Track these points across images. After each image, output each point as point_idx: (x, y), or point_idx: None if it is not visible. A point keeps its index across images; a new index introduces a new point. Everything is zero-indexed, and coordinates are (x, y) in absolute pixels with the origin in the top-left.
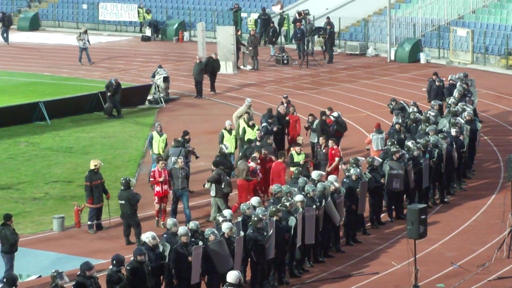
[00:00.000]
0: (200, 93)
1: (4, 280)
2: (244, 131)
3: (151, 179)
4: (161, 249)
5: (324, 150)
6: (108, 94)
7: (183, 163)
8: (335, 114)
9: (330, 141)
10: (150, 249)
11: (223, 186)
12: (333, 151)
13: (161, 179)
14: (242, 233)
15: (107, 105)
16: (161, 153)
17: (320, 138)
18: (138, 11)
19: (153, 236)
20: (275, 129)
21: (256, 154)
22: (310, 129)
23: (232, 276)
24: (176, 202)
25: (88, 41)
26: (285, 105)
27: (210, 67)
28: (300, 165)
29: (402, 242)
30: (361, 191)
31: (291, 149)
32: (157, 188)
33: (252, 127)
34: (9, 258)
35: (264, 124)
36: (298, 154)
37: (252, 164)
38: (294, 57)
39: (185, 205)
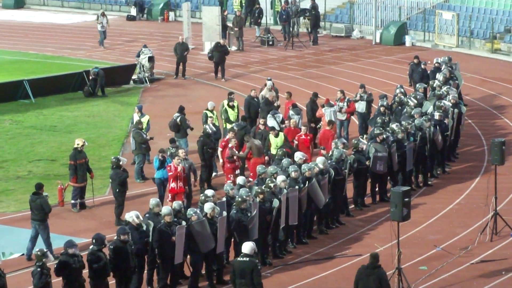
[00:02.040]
0: (183, 74)
1: None
2: (226, 111)
3: (169, 173)
4: (144, 228)
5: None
6: (90, 77)
7: (185, 154)
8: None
9: (303, 128)
10: (134, 229)
11: None
12: (308, 137)
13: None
14: (225, 213)
15: (85, 88)
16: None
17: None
18: None
19: (137, 215)
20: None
21: (232, 135)
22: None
23: (247, 247)
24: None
25: (106, 23)
26: (269, 88)
27: (219, 53)
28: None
29: (386, 225)
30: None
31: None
32: (172, 185)
33: (232, 107)
34: (45, 226)
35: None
36: (276, 136)
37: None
38: (279, 39)
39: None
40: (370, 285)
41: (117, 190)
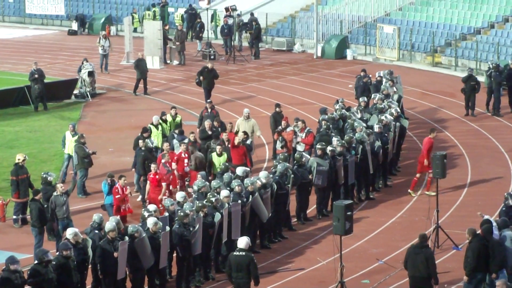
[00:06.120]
0: (136, 90)
1: None
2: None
3: (117, 196)
4: (84, 244)
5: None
6: (35, 86)
7: (63, 189)
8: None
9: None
10: (73, 245)
11: None
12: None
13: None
14: (168, 228)
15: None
16: (71, 153)
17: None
18: (132, 16)
19: (75, 233)
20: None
21: (166, 151)
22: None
23: (242, 242)
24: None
25: (108, 47)
26: (209, 110)
27: (208, 80)
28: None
29: (328, 238)
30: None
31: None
32: (122, 207)
33: (165, 122)
34: (37, 232)
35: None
36: (219, 155)
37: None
38: (221, 53)
39: None
40: (418, 263)
41: (46, 205)
